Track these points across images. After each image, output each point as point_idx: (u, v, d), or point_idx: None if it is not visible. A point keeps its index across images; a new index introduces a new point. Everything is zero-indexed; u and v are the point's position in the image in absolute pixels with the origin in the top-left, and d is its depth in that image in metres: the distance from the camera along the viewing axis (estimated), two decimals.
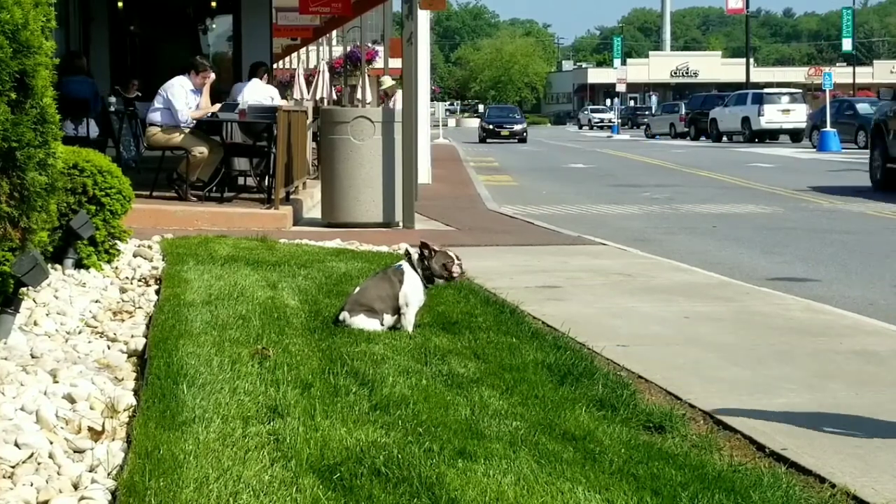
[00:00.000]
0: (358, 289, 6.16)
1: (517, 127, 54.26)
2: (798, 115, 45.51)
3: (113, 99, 16.59)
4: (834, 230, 14.04)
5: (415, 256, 6.17)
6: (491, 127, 54.72)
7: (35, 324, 5.79)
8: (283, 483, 3.55)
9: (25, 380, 4.57)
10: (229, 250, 8.90)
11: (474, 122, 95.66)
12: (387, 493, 3.51)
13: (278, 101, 14.87)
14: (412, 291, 6.03)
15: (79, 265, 7.43)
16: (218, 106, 13.34)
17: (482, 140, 53.07)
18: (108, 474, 3.67)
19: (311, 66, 34.43)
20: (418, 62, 14.17)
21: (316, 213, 13.46)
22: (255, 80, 15.09)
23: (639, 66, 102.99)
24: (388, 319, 6.03)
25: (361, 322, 5.93)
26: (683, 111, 56.74)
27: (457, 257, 6.26)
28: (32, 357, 5.06)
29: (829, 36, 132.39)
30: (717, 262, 10.85)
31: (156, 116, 12.92)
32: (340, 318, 5.99)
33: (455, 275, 6.26)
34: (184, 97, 12.85)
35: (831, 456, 4.25)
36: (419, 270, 6.09)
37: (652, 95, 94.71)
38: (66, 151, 6.66)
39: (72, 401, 4.42)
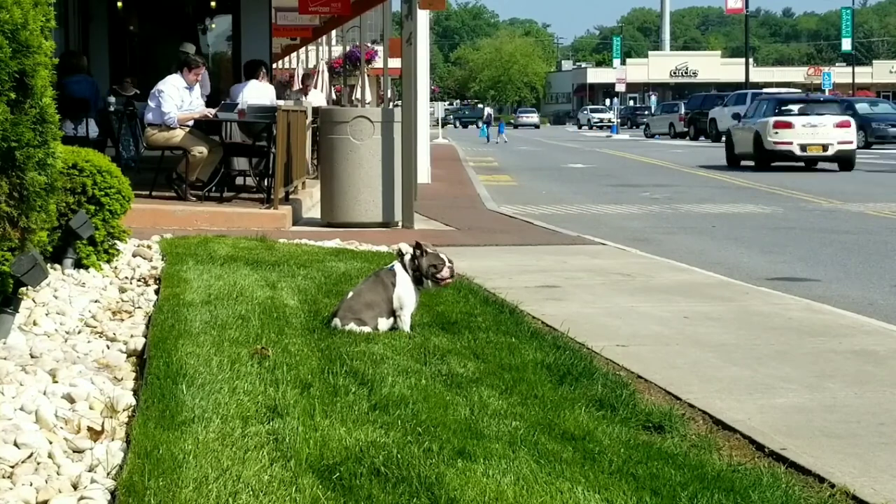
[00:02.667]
0: (351, 293, 6.08)
1: None
2: None
3: (113, 99, 16.57)
4: (833, 230, 14.05)
5: (407, 256, 6.14)
6: None
7: (34, 323, 5.79)
8: (282, 483, 3.55)
9: (25, 379, 4.57)
10: (228, 250, 8.90)
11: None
12: (386, 492, 3.51)
13: (273, 99, 14.86)
14: (405, 293, 5.98)
15: (78, 265, 7.42)
16: (212, 111, 13.29)
17: None
18: (108, 474, 3.67)
19: (311, 65, 34.42)
20: (418, 62, 14.16)
21: (315, 213, 13.46)
22: (252, 81, 15.06)
23: (638, 65, 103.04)
24: (384, 324, 5.96)
25: (353, 330, 5.87)
26: (683, 111, 56.74)
27: (449, 261, 6.10)
28: (32, 357, 5.06)
29: (829, 36, 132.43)
30: (716, 261, 10.85)
31: (150, 116, 12.96)
32: (332, 324, 5.93)
33: (443, 278, 6.07)
34: (176, 97, 12.86)
35: (830, 456, 4.25)
36: (409, 271, 6.05)
37: (651, 95, 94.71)
38: (65, 151, 6.66)
39: (71, 400, 4.42)
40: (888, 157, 32.78)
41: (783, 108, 28.67)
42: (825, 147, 27.17)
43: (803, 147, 27.17)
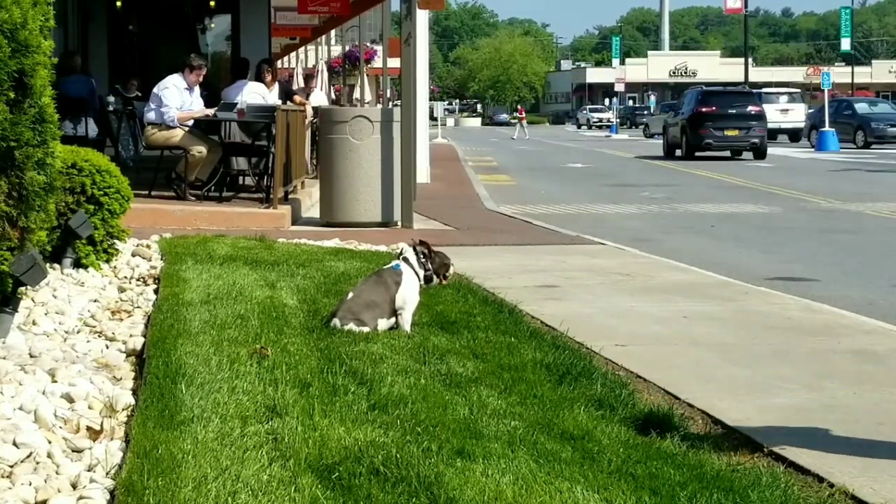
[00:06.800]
0: (351, 294, 6.04)
1: None
2: (797, 115, 45.54)
3: (112, 98, 16.57)
4: (833, 230, 14.04)
5: (410, 255, 6.14)
6: None
7: (34, 323, 5.79)
8: (281, 482, 3.55)
9: (24, 379, 4.57)
10: (228, 250, 8.89)
11: (474, 122, 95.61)
12: (385, 492, 3.51)
13: (269, 99, 14.85)
14: (410, 293, 5.99)
15: (77, 265, 7.42)
16: (212, 110, 13.30)
17: None
18: (107, 474, 3.67)
19: (310, 65, 34.43)
20: (417, 62, 14.15)
21: (314, 213, 13.45)
22: (250, 81, 15.03)
23: (637, 65, 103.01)
24: (383, 324, 5.95)
25: (352, 330, 5.85)
26: None
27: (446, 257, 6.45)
28: (31, 356, 5.06)
29: (828, 36, 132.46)
30: (715, 261, 10.84)
31: (150, 115, 12.96)
32: (331, 324, 5.91)
33: (448, 276, 6.45)
34: (177, 96, 12.88)
35: (830, 455, 4.25)
36: (420, 270, 6.07)
37: (650, 95, 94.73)
38: (64, 151, 6.66)
39: (70, 400, 4.42)
40: (887, 156, 32.78)
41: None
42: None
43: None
